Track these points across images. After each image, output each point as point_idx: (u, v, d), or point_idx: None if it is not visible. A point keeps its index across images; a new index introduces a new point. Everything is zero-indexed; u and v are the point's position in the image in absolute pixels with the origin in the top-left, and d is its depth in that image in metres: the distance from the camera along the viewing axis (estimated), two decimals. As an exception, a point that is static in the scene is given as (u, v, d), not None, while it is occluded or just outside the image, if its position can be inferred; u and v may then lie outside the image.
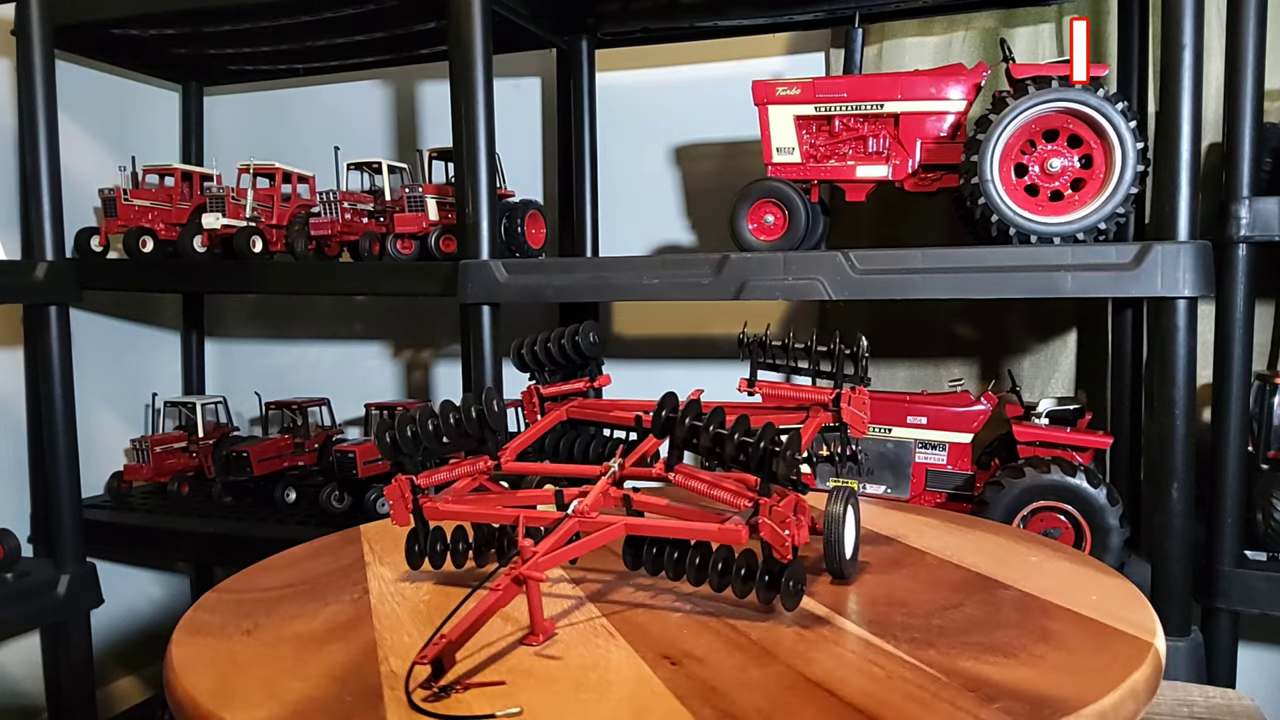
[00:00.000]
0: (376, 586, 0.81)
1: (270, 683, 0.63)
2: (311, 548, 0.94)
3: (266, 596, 0.79)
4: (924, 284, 1.18)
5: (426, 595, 0.79)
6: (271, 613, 0.76)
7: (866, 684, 0.61)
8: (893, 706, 0.58)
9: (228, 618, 0.74)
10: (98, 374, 1.96)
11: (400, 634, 0.70)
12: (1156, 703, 0.98)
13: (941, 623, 0.72)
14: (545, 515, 0.74)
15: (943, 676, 0.62)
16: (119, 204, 1.71)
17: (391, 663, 0.64)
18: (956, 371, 1.66)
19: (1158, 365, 1.13)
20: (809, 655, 0.65)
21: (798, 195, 1.31)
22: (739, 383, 0.95)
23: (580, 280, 1.33)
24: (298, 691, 0.61)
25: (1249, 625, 1.42)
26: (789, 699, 0.59)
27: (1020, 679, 0.62)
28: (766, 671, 0.63)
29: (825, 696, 0.59)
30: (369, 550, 0.92)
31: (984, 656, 0.65)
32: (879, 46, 1.65)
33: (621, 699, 0.60)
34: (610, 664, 0.64)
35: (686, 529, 0.71)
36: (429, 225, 1.59)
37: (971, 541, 0.94)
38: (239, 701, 0.60)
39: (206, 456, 1.87)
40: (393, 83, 2.04)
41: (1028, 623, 0.72)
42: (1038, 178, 1.19)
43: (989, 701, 0.58)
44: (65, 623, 1.56)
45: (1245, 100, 1.15)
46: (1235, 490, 1.20)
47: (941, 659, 0.65)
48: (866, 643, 0.68)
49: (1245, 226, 1.16)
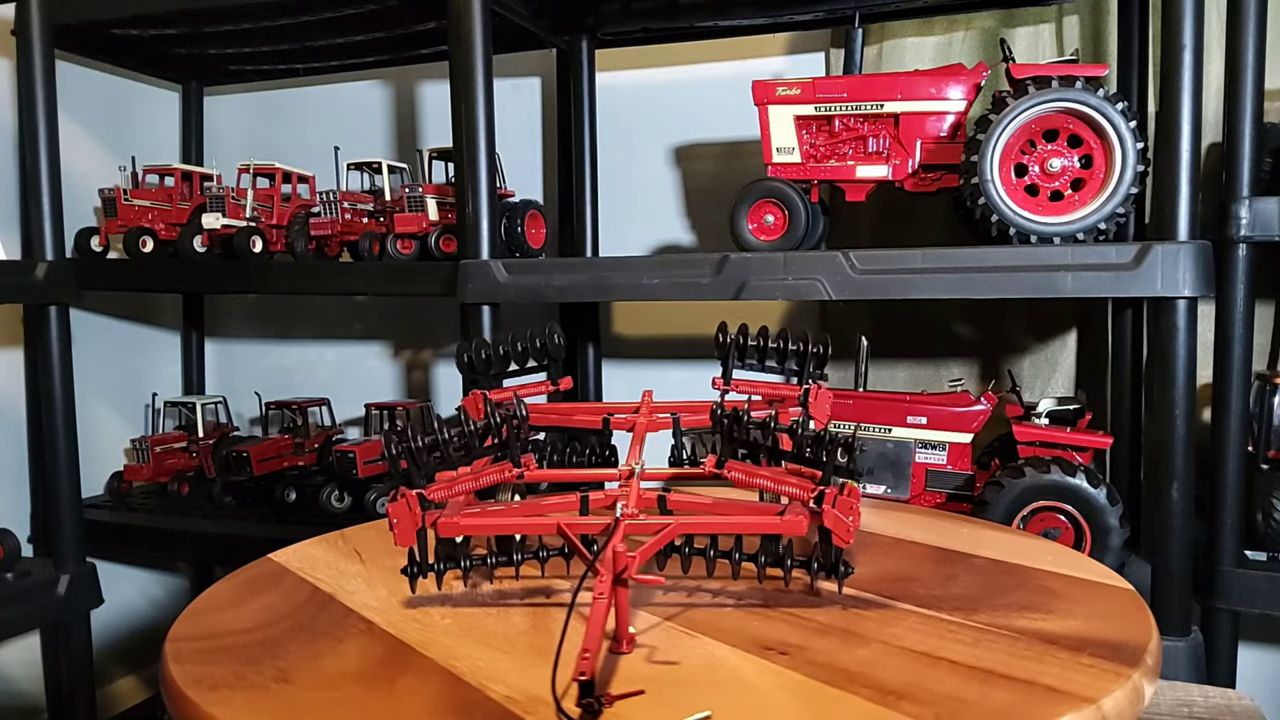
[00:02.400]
0: (382, 616, 0.74)
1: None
2: (239, 584, 0.84)
3: (253, 639, 0.71)
4: (924, 284, 1.18)
5: (448, 619, 0.73)
6: (282, 654, 0.68)
7: (967, 650, 0.65)
8: (1015, 666, 0.63)
9: (235, 667, 0.66)
10: (98, 374, 1.96)
11: (475, 659, 0.65)
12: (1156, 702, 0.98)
13: (960, 591, 0.77)
14: (588, 523, 0.71)
15: (1019, 636, 0.67)
16: (119, 204, 1.71)
17: (497, 689, 0.60)
18: (956, 371, 1.66)
19: (1158, 365, 1.13)
20: (891, 632, 0.69)
21: (798, 195, 1.31)
22: (714, 380, 0.96)
23: (580, 280, 1.33)
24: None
25: (1249, 625, 1.42)
26: (920, 670, 0.62)
27: (1075, 629, 0.68)
28: (872, 650, 0.66)
29: (946, 664, 0.63)
30: (305, 576, 0.85)
31: (1027, 614, 0.71)
32: (879, 46, 1.65)
33: (778, 692, 0.60)
34: (725, 661, 0.64)
35: (745, 524, 0.72)
36: (429, 225, 1.59)
37: (900, 520, 1.01)
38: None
39: (206, 456, 1.87)
40: (393, 83, 2.04)
41: (1029, 584, 0.79)
42: (1038, 178, 1.19)
43: (1076, 651, 0.64)
44: (65, 623, 1.56)
45: (1245, 100, 1.15)
46: (1235, 490, 1.20)
47: (999, 620, 0.71)
48: (924, 615, 0.72)
49: (1245, 226, 1.16)
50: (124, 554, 2.03)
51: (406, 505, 0.73)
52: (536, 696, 0.59)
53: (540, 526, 0.73)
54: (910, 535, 0.94)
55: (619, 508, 0.70)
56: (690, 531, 0.72)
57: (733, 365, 0.95)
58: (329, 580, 0.84)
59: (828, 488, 0.70)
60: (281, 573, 0.86)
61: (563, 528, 0.70)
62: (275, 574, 0.86)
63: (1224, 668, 1.24)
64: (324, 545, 0.94)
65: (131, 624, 2.05)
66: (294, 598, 0.80)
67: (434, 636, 0.70)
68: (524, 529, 0.74)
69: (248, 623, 0.75)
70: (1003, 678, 0.60)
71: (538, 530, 0.74)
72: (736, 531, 0.72)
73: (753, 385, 0.96)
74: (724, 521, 0.72)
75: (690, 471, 0.80)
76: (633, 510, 0.70)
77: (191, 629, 0.73)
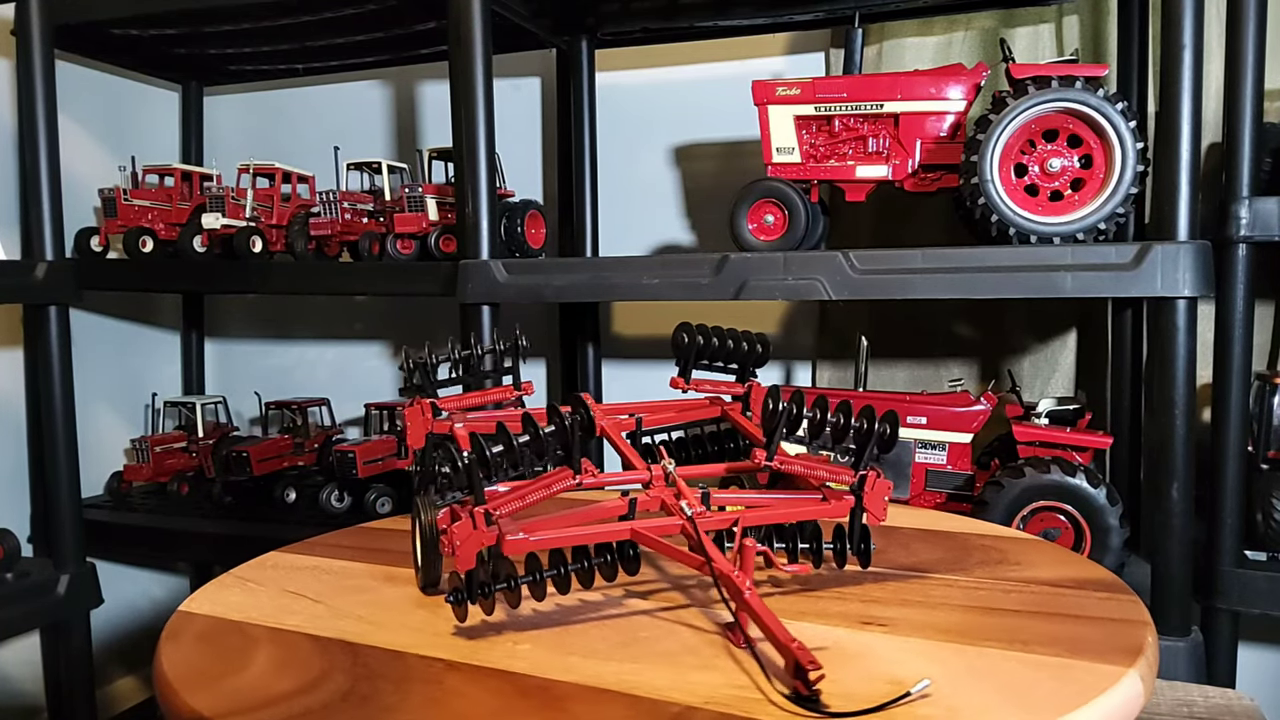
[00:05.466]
0: (450, 652, 0.65)
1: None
2: (198, 647, 0.69)
3: (317, 712, 0.58)
4: (924, 284, 1.18)
5: (525, 643, 0.67)
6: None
7: (1019, 599, 0.75)
8: (1087, 607, 0.73)
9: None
10: (98, 374, 1.96)
11: (621, 675, 0.62)
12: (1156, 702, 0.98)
13: (976, 561, 0.86)
14: (661, 525, 0.70)
15: (1061, 588, 0.77)
16: (119, 204, 1.71)
17: (681, 697, 0.58)
18: (956, 371, 1.66)
19: (1158, 365, 1.13)
20: (953, 596, 0.76)
21: (798, 195, 1.31)
22: (672, 380, 0.96)
23: (580, 280, 1.33)
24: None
25: (1249, 625, 1.42)
26: (1020, 624, 0.70)
27: (1095, 577, 0.80)
28: (957, 615, 0.72)
29: (1031, 616, 0.71)
30: (275, 625, 0.72)
31: (1047, 570, 0.82)
32: (879, 46, 1.65)
33: (919, 658, 0.64)
34: (844, 639, 0.67)
35: (801, 511, 0.76)
36: (429, 225, 1.59)
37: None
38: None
39: (206, 456, 1.87)
40: (393, 83, 2.04)
41: (1013, 550, 0.90)
42: (1037, 178, 1.19)
43: (1118, 592, 0.76)
44: (65, 623, 1.56)
45: (1245, 100, 1.15)
46: (1235, 490, 1.19)
47: (1026, 574, 0.81)
48: (951, 582, 0.80)
49: (1245, 226, 1.16)
50: (124, 554, 2.03)
51: (472, 524, 0.66)
52: (734, 697, 0.58)
53: (613, 534, 0.70)
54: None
55: (686, 507, 0.71)
56: (755, 523, 0.74)
57: (691, 365, 0.95)
58: (319, 622, 0.73)
59: (869, 471, 0.75)
60: (236, 627, 0.72)
61: (647, 531, 0.69)
62: (230, 629, 0.72)
63: (1224, 668, 1.24)
64: (239, 589, 0.81)
65: (131, 624, 2.05)
66: (295, 651, 0.67)
67: (543, 661, 0.64)
68: (597, 538, 0.70)
69: (289, 685, 0.62)
70: (1089, 620, 0.70)
71: (611, 538, 0.70)
72: (794, 519, 0.76)
73: (714, 385, 0.97)
74: (782, 511, 0.75)
75: (745, 465, 0.82)
76: (701, 508, 0.71)
77: (220, 703, 0.59)
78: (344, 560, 0.90)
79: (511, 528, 0.67)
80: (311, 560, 0.90)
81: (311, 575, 0.85)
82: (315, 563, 0.89)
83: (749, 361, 0.95)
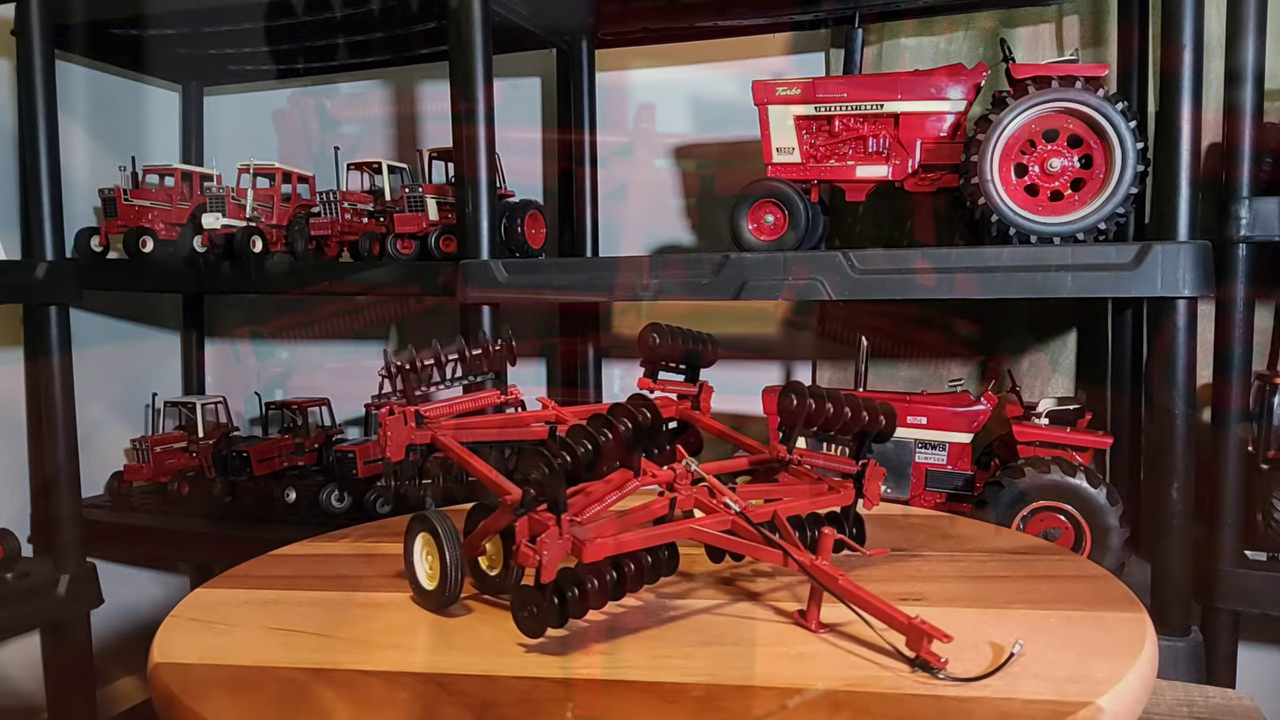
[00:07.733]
0: (539, 670, 0.63)
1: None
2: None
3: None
4: (924, 284, 1.18)
5: (594, 656, 0.65)
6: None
7: (1008, 569, 0.82)
8: (1054, 568, 0.80)
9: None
10: (98, 374, 1.96)
11: (761, 668, 0.63)
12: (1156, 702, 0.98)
13: (960, 535, 0.94)
14: (712, 521, 0.71)
15: (1016, 555, 0.84)
16: (119, 204, 1.71)
17: (815, 684, 0.60)
18: (956, 371, 1.66)
19: (1158, 365, 1.13)
20: (944, 570, 0.82)
21: (798, 195, 1.31)
22: (639, 381, 0.97)
23: (580, 280, 1.33)
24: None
25: (1249, 625, 1.41)
26: (1022, 587, 0.77)
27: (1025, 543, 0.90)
28: (968, 583, 0.78)
29: (1023, 580, 0.79)
30: (311, 665, 0.65)
31: (986, 542, 0.90)
32: (879, 46, 1.65)
33: (973, 626, 0.68)
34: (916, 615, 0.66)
35: (817, 501, 0.80)
36: (429, 225, 1.59)
37: None
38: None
39: (206, 456, 1.87)
40: (393, 83, 2.04)
41: (944, 524, 0.98)
42: (1038, 178, 1.19)
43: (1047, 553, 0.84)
44: (65, 623, 1.56)
45: (1245, 100, 1.15)
46: (1235, 490, 1.19)
47: (979, 546, 0.89)
48: (951, 559, 0.86)
49: (1245, 226, 1.16)
50: (124, 554, 2.03)
51: (559, 532, 0.62)
52: (865, 677, 0.60)
53: (679, 533, 0.70)
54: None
55: (731, 503, 0.72)
56: (788, 514, 0.75)
57: (658, 367, 0.98)
58: (349, 656, 0.65)
59: (868, 461, 0.81)
60: (240, 672, 0.66)
61: (697, 529, 0.71)
62: (236, 676, 0.65)
63: (1224, 668, 1.24)
64: (207, 631, 0.76)
65: (131, 624, 2.05)
66: (369, 693, 0.59)
67: (643, 662, 0.63)
68: (664, 538, 0.69)
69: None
70: (1044, 578, 0.78)
71: (677, 537, 0.70)
72: (814, 509, 0.80)
73: (676, 385, 0.98)
74: (804, 502, 0.79)
75: (758, 457, 0.84)
76: (743, 503, 0.73)
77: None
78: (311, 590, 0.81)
79: (585, 533, 0.64)
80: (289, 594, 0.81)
81: (308, 609, 0.77)
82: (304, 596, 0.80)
83: (699, 362, 0.97)
